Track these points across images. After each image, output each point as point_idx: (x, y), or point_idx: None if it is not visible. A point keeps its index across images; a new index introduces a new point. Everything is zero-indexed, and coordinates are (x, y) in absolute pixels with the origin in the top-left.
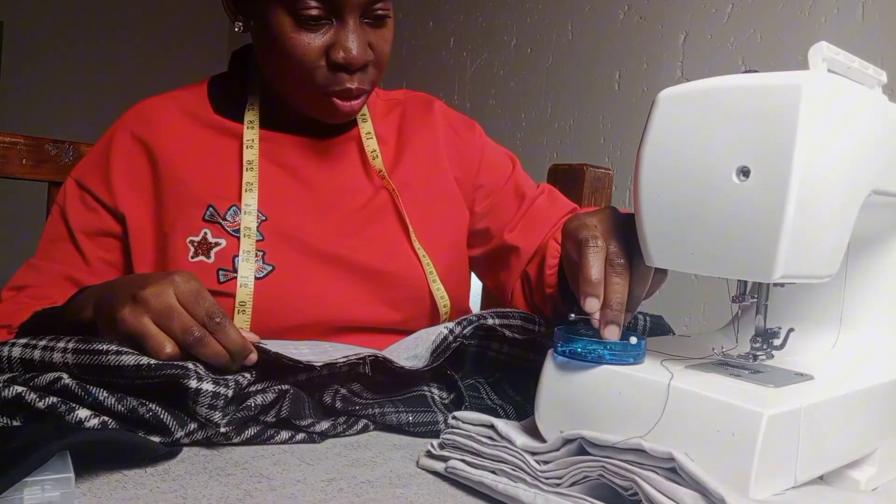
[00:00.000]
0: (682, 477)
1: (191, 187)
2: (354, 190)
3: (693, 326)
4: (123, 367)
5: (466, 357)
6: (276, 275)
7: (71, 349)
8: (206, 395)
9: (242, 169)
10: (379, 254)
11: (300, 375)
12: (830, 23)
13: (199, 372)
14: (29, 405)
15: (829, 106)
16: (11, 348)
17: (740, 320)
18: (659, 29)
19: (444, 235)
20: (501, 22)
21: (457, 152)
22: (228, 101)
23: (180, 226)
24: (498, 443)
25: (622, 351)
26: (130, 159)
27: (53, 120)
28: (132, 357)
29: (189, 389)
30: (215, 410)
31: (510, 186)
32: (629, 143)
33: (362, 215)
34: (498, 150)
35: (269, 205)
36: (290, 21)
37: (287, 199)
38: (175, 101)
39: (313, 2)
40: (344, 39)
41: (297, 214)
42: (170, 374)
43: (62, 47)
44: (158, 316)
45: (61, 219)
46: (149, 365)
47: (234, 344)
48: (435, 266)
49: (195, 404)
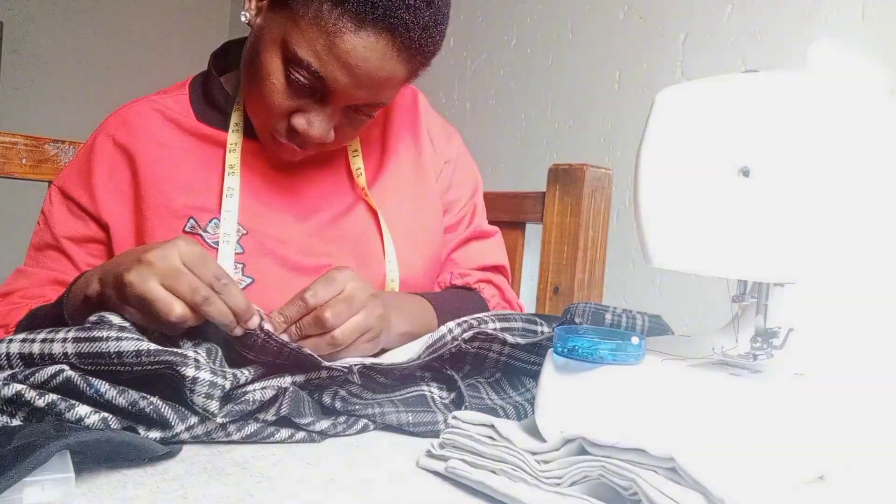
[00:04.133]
0: (683, 477)
1: (172, 198)
2: (336, 197)
3: (693, 326)
4: (123, 353)
5: (466, 357)
6: (255, 287)
7: (71, 338)
8: (203, 383)
9: (224, 175)
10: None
11: (297, 377)
12: (830, 23)
13: (199, 360)
14: (29, 403)
15: (829, 106)
16: (9, 345)
17: (740, 320)
18: (659, 29)
19: (423, 250)
20: (501, 22)
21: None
22: (210, 105)
23: (160, 235)
24: (498, 443)
25: (622, 351)
26: (112, 166)
27: (53, 120)
28: (132, 343)
29: (186, 378)
30: (212, 399)
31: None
32: (629, 143)
33: (343, 222)
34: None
35: (250, 216)
36: (281, 68)
37: (268, 209)
38: (157, 107)
39: (305, 74)
40: (313, 116)
41: (278, 225)
42: (169, 361)
43: (62, 47)
44: (165, 278)
45: (47, 227)
46: (148, 350)
47: (238, 305)
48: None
49: (192, 393)
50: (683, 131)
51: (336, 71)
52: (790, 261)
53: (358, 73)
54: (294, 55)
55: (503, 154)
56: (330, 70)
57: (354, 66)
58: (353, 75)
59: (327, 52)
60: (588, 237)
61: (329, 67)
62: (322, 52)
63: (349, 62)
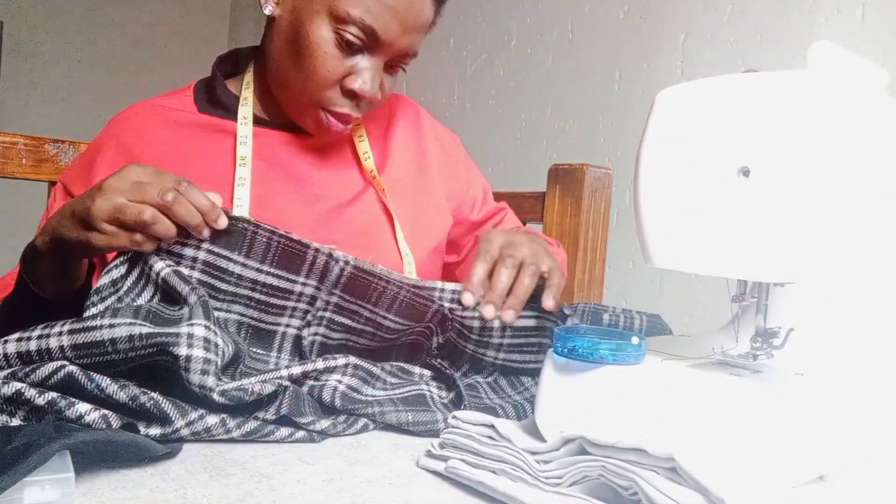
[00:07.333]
0: (683, 477)
1: None
2: (344, 183)
3: (693, 326)
4: (117, 340)
5: (464, 356)
6: None
7: (66, 331)
8: (197, 360)
9: (235, 165)
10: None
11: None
12: (830, 23)
13: (192, 339)
14: (29, 401)
15: (829, 106)
16: (5, 345)
17: (740, 320)
18: (659, 29)
19: (427, 238)
20: (501, 22)
21: (448, 166)
22: (214, 102)
23: None
24: (498, 443)
25: (622, 351)
26: (112, 165)
27: (53, 120)
28: (124, 329)
29: (179, 357)
30: (208, 375)
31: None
32: (629, 143)
33: (351, 208)
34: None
35: (258, 202)
36: (331, 36)
37: (276, 195)
38: (160, 109)
39: (357, 31)
40: (366, 73)
41: (286, 210)
42: (161, 342)
43: (62, 47)
44: (129, 193)
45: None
46: (140, 335)
47: (204, 205)
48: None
49: (187, 372)
50: (683, 131)
51: (386, 19)
52: (790, 261)
53: (404, 18)
54: (346, 16)
55: (503, 154)
56: (381, 21)
57: (402, 11)
58: (399, 20)
59: (377, 4)
60: (588, 237)
61: (380, 18)
62: (372, 4)
63: (396, 7)
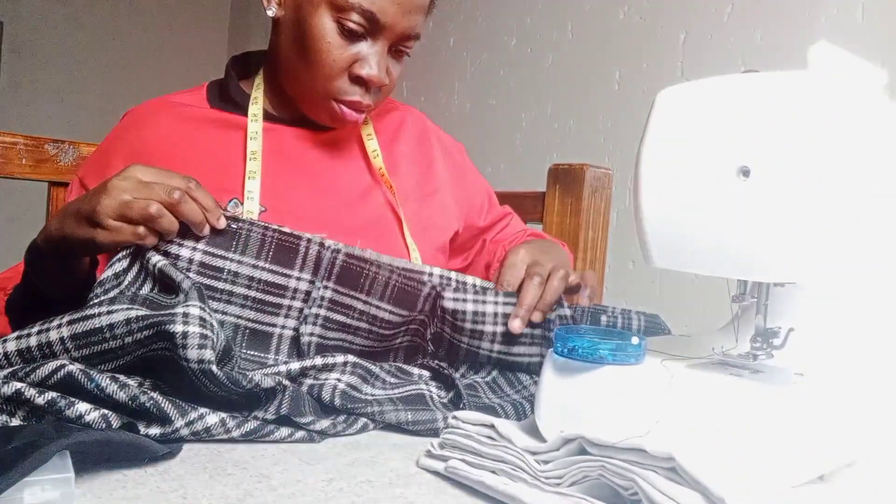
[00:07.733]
0: (683, 477)
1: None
2: (354, 179)
3: (693, 326)
4: (115, 325)
5: (460, 350)
6: None
7: (66, 322)
8: (194, 336)
9: (245, 159)
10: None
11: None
12: (830, 23)
13: (188, 318)
14: (28, 401)
15: (829, 106)
16: (5, 344)
17: (740, 320)
18: (659, 29)
19: (432, 237)
20: (501, 22)
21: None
22: (227, 98)
23: None
24: (498, 443)
25: (622, 351)
26: (127, 160)
27: (53, 120)
28: (121, 314)
29: (175, 335)
30: (205, 350)
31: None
32: (629, 143)
33: (360, 203)
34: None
35: (268, 194)
36: (332, 26)
37: (286, 187)
38: (172, 105)
39: (358, 17)
40: (371, 59)
41: (296, 202)
42: (157, 322)
43: (62, 47)
44: (136, 191)
45: None
46: (137, 317)
47: (208, 205)
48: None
49: (185, 349)
50: (683, 131)
51: (384, 2)
52: (790, 261)
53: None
54: (345, 3)
55: (503, 154)
56: (379, 4)
57: None
58: (398, 2)
59: None
60: (588, 237)
61: (378, 1)
62: None
63: None
